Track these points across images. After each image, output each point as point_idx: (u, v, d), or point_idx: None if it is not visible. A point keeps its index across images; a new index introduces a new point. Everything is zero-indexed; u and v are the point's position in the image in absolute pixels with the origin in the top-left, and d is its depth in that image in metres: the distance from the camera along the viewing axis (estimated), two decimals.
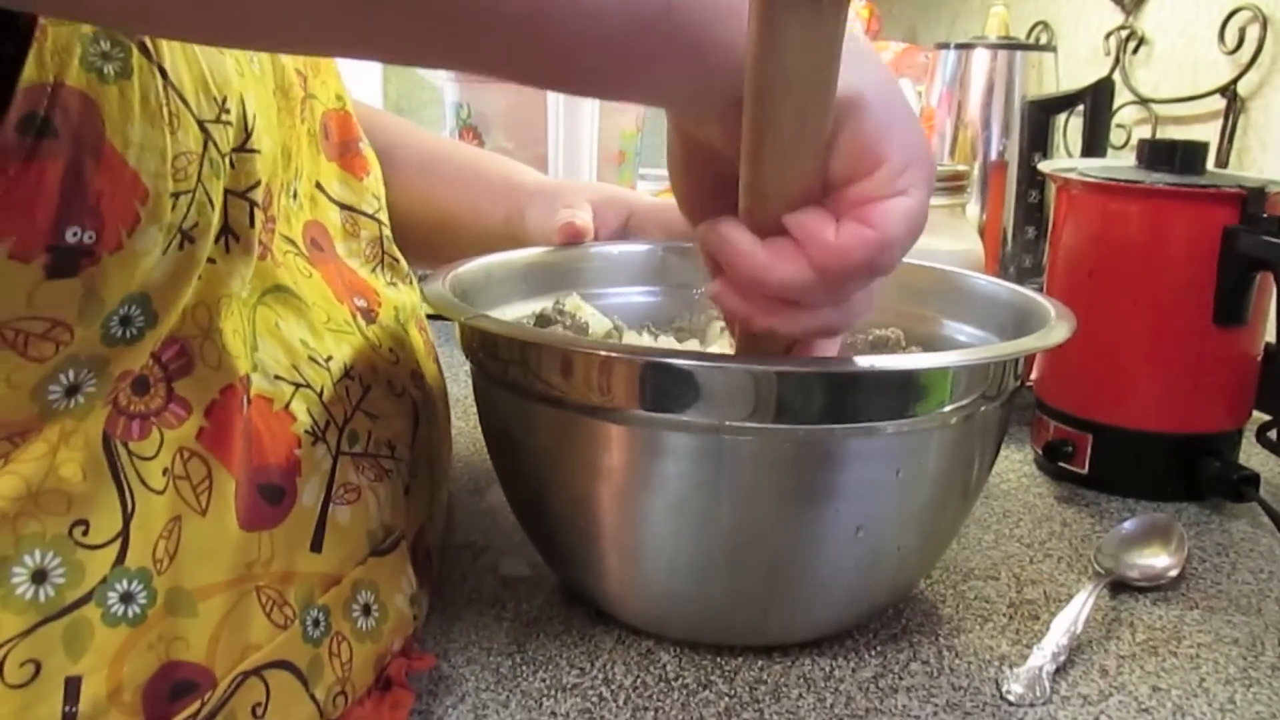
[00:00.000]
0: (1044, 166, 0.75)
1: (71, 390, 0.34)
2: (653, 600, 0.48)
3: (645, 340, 0.60)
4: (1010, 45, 1.00)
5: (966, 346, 0.57)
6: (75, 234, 0.32)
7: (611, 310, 0.62)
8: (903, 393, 0.43)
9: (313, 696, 0.39)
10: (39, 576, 0.33)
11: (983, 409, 0.46)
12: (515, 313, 0.59)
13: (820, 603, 0.48)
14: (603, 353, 0.44)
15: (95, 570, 0.34)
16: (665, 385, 0.42)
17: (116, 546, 0.34)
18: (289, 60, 0.46)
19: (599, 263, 0.64)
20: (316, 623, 0.40)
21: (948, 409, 0.44)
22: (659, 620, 0.49)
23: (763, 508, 0.44)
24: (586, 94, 0.40)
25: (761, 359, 0.43)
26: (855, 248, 0.36)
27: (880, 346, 0.58)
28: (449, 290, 0.50)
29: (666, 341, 0.61)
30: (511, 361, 0.46)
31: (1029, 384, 0.77)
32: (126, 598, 0.34)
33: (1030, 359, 0.48)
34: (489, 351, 0.48)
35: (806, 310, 0.39)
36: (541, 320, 0.58)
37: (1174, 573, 0.57)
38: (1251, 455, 0.72)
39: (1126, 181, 0.67)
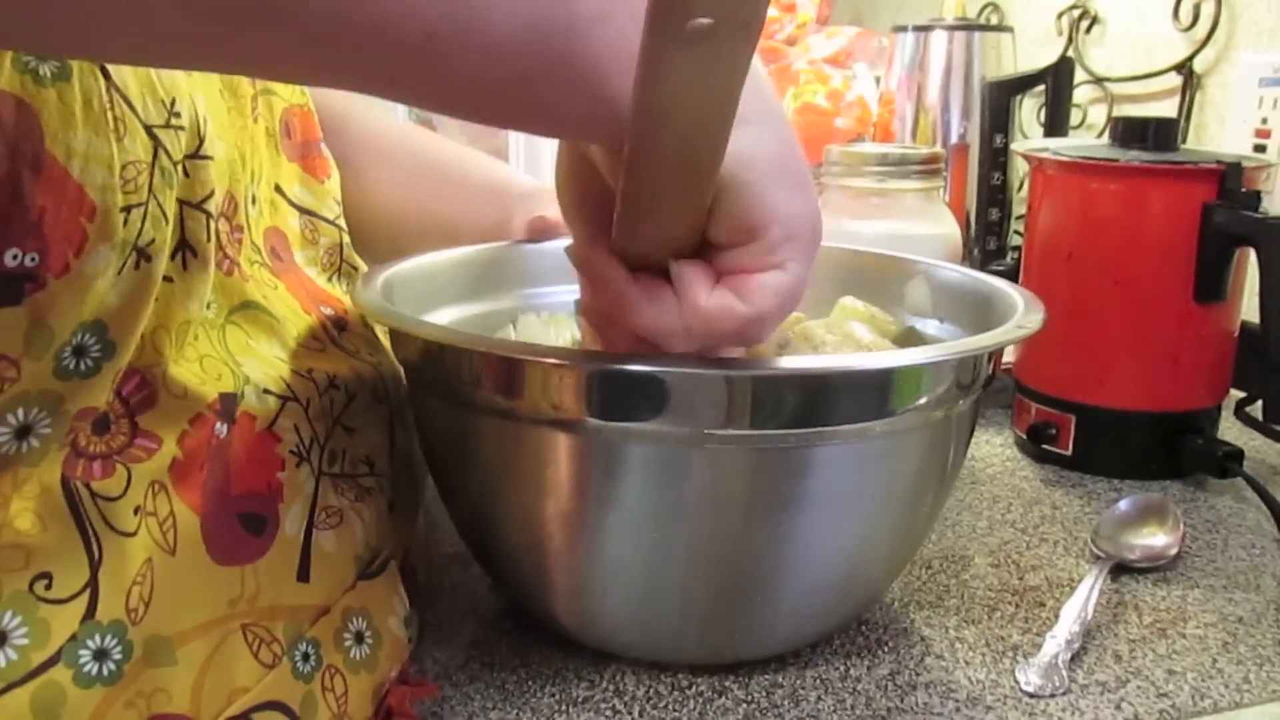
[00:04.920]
0: (1017, 147, 0.74)
1: (23, 432, 0.31)
2: (627, 625, 0.45)
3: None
4: (968, 26, 1.00)
5: (935, 340, 0.54)
6: (16, 257, 0.29)
7: (554, 309, 0.58)
8: (881, 392, 0.41)
9: None
10: None
11: (960, 402, 0.44)
12: (453, 316, 0.55)
13: (807, 612, 0.45)
14: (552, 360, 0.39)
15: (62, 627, 0.31)
16: (629, 393, 0.39)
17: (85, 599, 0.31)
18: None
19: (545, 261, 0.59)
20: (306, 657, 0.37)
21: (924, 401, 0.42)
22: (632, 646, 0.46)
23: (740, 518, 0.41)
24: (478, 120, 0.36)
25: (739, 364, 0.40)
26: (723, 319, 0.35)
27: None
28: (379, 293, 0.46)
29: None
30: (451, 372, 0.42)
31: (1004, 369, 0.76)
32: (100, 655, 0.31)
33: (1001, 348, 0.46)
34: (426, 361, 0.44)
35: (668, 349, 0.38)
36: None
37: (1173, 552, 0.57)
38: (1224, 430, 0.72)
39: (1104, 160, 0.66)
